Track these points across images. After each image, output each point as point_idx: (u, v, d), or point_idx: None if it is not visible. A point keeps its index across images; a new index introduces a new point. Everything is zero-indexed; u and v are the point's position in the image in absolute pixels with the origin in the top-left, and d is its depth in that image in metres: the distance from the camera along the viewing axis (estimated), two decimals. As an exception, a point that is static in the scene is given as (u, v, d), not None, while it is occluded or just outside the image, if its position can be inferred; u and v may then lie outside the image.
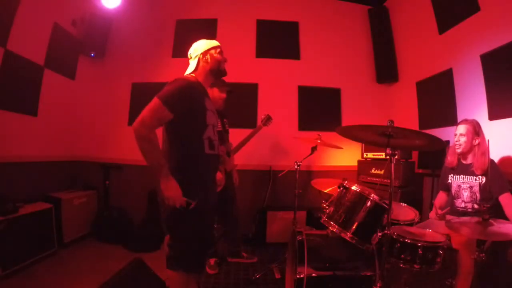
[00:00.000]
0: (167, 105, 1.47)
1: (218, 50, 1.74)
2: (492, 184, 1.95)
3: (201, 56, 1.70)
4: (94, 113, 4.06)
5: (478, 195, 2.04)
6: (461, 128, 2.11)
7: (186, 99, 1.54)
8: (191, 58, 1.75)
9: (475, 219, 1.55)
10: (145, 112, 1.47)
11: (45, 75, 3.30)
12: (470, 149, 2.09)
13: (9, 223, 2.40)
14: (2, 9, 2.74)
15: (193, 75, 1.71)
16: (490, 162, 1.96)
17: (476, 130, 2.07)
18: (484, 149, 2.03)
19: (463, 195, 2.12)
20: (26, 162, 3.06)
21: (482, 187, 2.01)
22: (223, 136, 2.73)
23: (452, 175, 2.21)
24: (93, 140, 4.04)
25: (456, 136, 2.14)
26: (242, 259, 2.99)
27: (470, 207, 2.08)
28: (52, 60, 3.36)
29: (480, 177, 2.03)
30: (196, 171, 1.59)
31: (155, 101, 1.48)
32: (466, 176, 2.11)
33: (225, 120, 2.85)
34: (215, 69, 1.72)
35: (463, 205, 2.12)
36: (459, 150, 2.12)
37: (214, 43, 1.75)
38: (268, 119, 2.96)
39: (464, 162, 2.16)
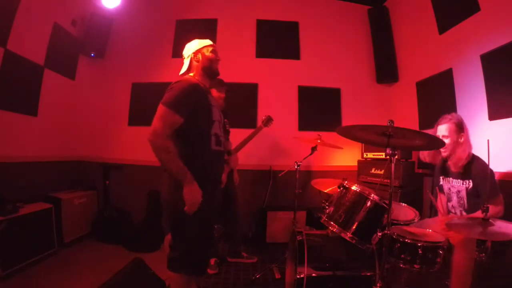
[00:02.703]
0: (175, 109, 1.47)
1: (210, 49, 1.72)
2: (483, 190, 1.82)
3: (192, 55, 1.71)
4: (94, 113, 4.06)
5: (465, 200, 1.96)
6: (443, 129, 1.96)
7: (191, 99, 1.54)
8: (184, 58, 1.75)
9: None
10: (155, 121, 1.46)
11: (45, 75, 3.30)
12: (455, 149, 1.94)
13: (9, 223, 2.40)
14: (2, 9, 2.74)
15: (191, 74, 1.71)
16: (484, 166, 1.82)
17: (459, 126, 1.93)
18: (466, 145, 1.90)
19: (453, 198, 2.07)
20: (26, 162, 3.06)
21: (468, 193, 1.93)
22: (225, 135, 2.73)
23: (442, 177, 2.15)
24: (93, 140, 4.04)
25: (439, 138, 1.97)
26: (242, 259, 2.99)
27: (459, 213, 2.02)
28: (52, 60, 3.36)
29: (467, 181, 1.92)
30: (203, 169, 1.59)
31: (161, 109, 1.48)
32: (454, 180, 2.02)
33: (225, 120, 2.85)
34: (206, 68, 1.71)
35: (453, 210, 2.08)
36: (445, 154, 1.97)
37: (206, 42, 1.74)
38: (268, 120, 2.96)
39: (449, 162, 2.05)
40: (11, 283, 2.31)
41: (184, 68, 1.73)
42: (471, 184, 1.91)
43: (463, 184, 1.96)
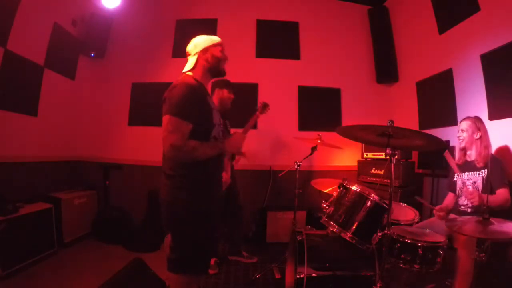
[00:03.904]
0: (184, 117, 1.42)
1: (219, 48, 1.65)
2: (492, 177, 1.98)
3: (200, 53, 1.61)
4: (94, 113, 4.06)
5: (480, 189, 2.05)
6: (463, 124, 2.21)
7: (195, 104, 1.48)
8: (189, 54, 1.67)
9: (475, 218, 1.55)
10: (170, 136, 1.38)
11: (45, 75, 3.30)
12: (471, 143, 2.16)
13: (9, 223, 2.40)
14: (2, 9, 2.74)
15: (190, 73, 1.63)
16: (492, 155, 2.01)
17: (476, 125, 2.15)
18: (486, 142, 2.11)
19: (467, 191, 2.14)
20: (26, 162, 3.06)
21: (484, 181, 2.04)
22: (225, 136, 2.73)
23: (457, 174, 2.22)
24: (93, 140, 4.04)
25: (458, 132, 2.23)
26: (243, 258, 3.00)
27: (471, 204, 2.08)
28: (52, 60, 3.36)
29: (483, 170, 2.06)
30: (203, 173, 1.56)
31: (172, 120, 1.40)
32: (471, 173, 2.14)
33: (226, 121, 2.87)
34: (214, 69, 1.64)
35: (465, 202, 2.12)
36: (462, 145, 2.21)
37: (215, 39, 1.66)
38: (264, 106, 2.78)
39: (469, 160, 2.20)
40: (11, 283, 2.31)
41: (189, 66, 1.63)
42: (485, 173, 2.05)
43: (479, 174, 2.09)
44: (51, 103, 3.40)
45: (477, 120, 2.17)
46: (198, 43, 1.65)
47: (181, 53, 3.98)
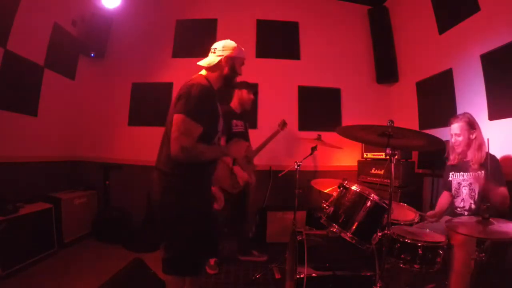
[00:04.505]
0: (197, 120, 1.41)
1: (242, 63, 1.71)
2: (490, 177, 1.93)
3: (224, 59, 1.62)
4: (94, 113, 4.06)
5: (476, 191, 2.02)
6: (455, 128, 2.09)
7: (208, 108, 1.49)
8: (213, 52, 1.66)
9: (475, 218, 1.55)
10: (181, 137, 1.37)
11: (45, 75, 3.30)
12: (469, 145, 2.08)
13: (9, 223, 2.40)
14: (2, 9, 2.74)
15: (203, 73, 1.64)
16: (489, 156, 1.94)
17: (470, 124, 2.05)
18: (480, 142, 2.03)
19: (462, 192, 2.11)
20: (26, 162, 3.06)
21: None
22: (245, 137, 2.85)
23: (453, 172, 2.20)
24: (93, 140, 4.04)
25: (453, 136, 2.12)
26: (254, 258, 3.01)
27: (468, 206, 2.06)
28: (52, 60, 3.36)
29: (480, 172, 2.01)
30: (197, 175, 1.56)
31: (186, 121, 1.39)
32: (466, 173, 2.10)
33: (247, 123, 2.95)
34: (229, 79, 1.66)
35: (462, 204, 2.10)
36: (459, 150, 2.11)
37: (243, 53, 1.71)
38: (284, 123, 3.12)
39: (464, 159, 2.15)
40: (11, 283, 2.31)
41: (207, 63, 1.64)
42: (482, 174, 1.99)
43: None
44: (51, 103, 3.40)
45: (470, 119, 2.06)
46: (228, 47, 1.66)
47: (181, 53, 4.05)
